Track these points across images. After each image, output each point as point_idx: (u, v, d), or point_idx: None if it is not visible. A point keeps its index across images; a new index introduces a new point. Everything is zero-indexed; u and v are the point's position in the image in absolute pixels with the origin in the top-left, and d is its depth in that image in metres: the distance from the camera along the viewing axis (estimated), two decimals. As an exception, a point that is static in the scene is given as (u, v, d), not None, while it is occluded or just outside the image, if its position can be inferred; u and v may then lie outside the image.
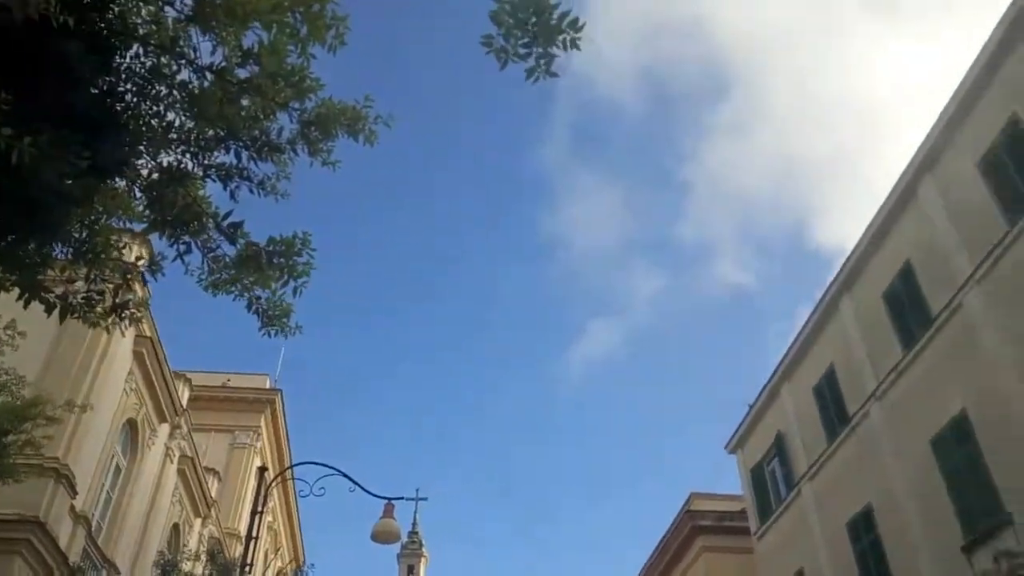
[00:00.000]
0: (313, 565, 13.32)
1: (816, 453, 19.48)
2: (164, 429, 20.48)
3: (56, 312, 5.17)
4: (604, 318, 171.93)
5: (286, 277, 5.75)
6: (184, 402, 21.77)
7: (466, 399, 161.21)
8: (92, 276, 5.62)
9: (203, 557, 15.32)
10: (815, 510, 19.37)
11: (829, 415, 19.12)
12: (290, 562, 29.62)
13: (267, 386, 32.71)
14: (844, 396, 18.50)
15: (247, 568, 13.04)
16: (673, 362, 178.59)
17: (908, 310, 16.32)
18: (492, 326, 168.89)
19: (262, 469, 17.61)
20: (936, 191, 15.60)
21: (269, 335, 5.72)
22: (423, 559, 77.25)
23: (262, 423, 31.37)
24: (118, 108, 4.81)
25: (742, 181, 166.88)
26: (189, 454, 22.37)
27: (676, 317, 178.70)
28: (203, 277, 5.65)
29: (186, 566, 13.30)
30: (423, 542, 77.40)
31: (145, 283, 6.34)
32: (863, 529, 17.29)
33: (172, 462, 21.20)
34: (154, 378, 18.82)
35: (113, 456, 17.78)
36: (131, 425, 18.54)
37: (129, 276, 5.94)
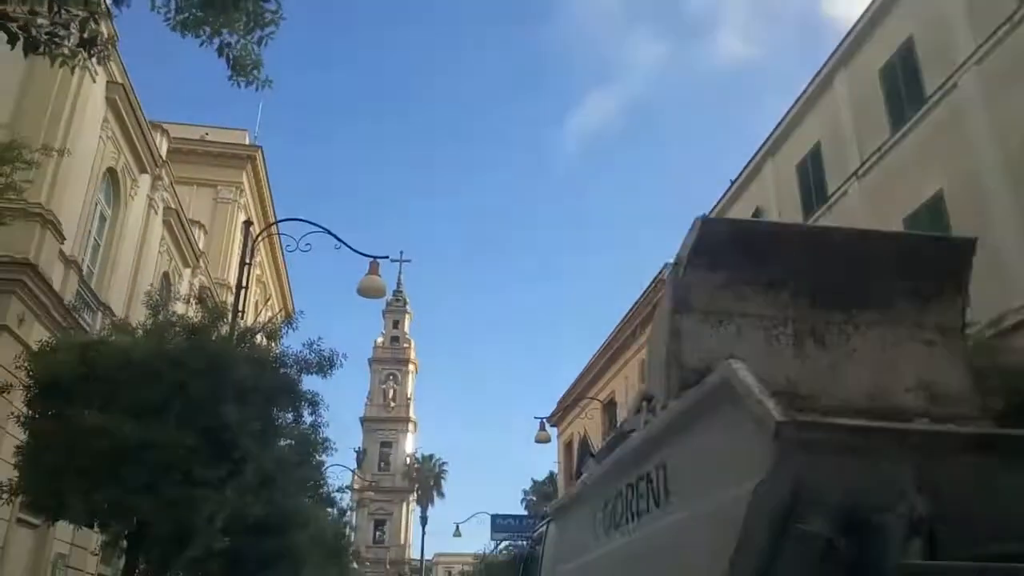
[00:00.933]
0: (303, 312, 13.90)
1: (790, 229, 19.95)
2: (145, 180, 20.45)
3: (20, 47, 4.94)
4: (601, 88, 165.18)
5: (251, 24, 5.43)
6: (163, 153, 21.56)
7: (457, 167, 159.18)
8: (55, 8, 5.32)
9: (193, 302, 15.92)
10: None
11: (809, 192, 19.35)
12: (280, 311, 30.96)
13: (246, 142, 32.29)
14: (826, 174, 18.62)
15: (239, 314, 13.61)
16: (667, 136, 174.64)
17: (902, 88, 15.99)
18: (483, 90, 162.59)
19: (247, 223, 17.83)
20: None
21: (238, 85, 5.53)
22: (408, 315, 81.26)
23: (244, 179, 31.37)
24: None
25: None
26: (173, 206, 22.55)
27: (675, 89, 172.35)
28: (170, 16, 5.34)
29: (178, 307, 13.85)
30: (407, 300, 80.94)
31: (111, 18, 6.00)
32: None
33: (156, 213, 21.42)
34: (130, 126, 18.47)
35: (97, 204, 17.89)
36: (111, 174, 18.47)
37: (95, 11, 5.62)
